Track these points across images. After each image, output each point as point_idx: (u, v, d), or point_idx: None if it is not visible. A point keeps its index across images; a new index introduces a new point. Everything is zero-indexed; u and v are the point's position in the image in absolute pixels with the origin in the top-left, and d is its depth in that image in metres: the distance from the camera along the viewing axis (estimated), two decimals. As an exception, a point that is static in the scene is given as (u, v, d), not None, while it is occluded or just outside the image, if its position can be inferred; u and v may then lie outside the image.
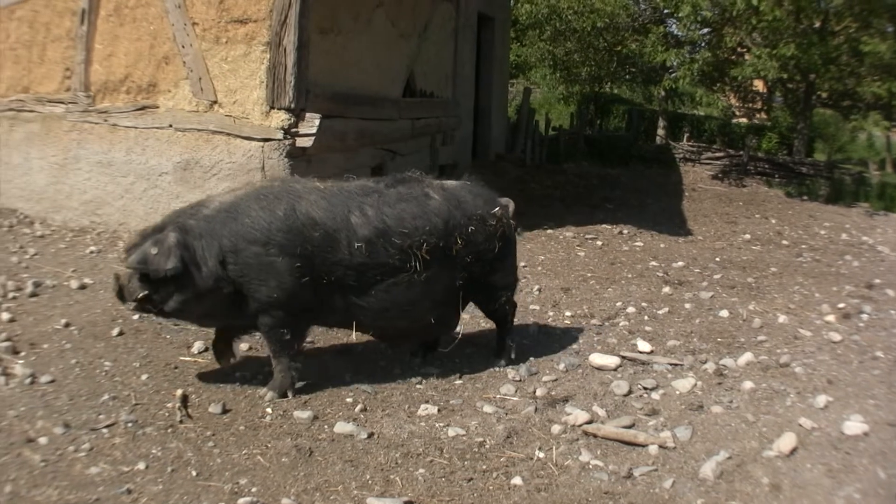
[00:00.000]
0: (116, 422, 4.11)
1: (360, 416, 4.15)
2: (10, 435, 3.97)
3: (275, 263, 4.13)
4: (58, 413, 4.24)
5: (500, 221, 4.63)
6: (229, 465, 3.66)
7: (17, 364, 4.93)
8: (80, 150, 8.25)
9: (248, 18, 7.38)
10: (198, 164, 7.55)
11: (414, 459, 3.68)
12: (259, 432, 3.99)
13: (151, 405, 4.33)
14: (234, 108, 7.46)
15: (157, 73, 7.83)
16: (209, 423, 4.11)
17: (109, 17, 8.12)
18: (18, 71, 8.96)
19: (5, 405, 4.34)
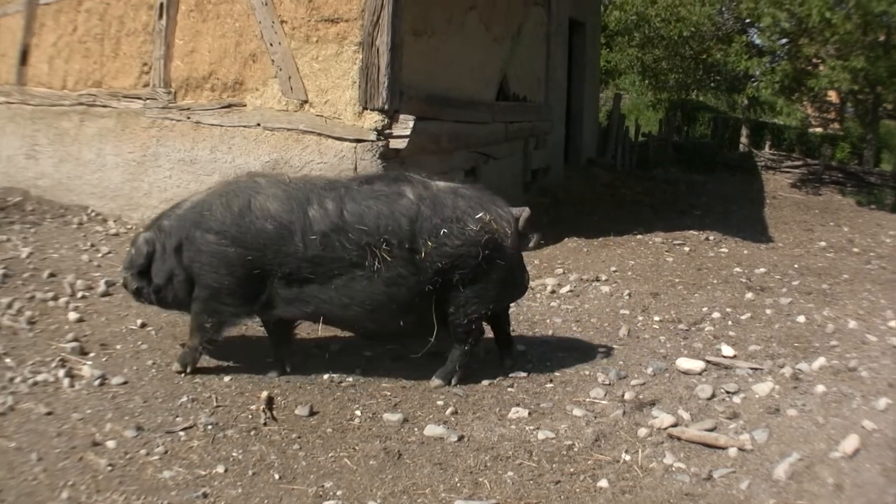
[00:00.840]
0: (195, 424, 4.24)
1: (450, 419, 4.31)
2: (71, 439, 4.08)
3: (227, 254, 4.60)
4: (130, 415, 4.37)
5: (487, 228, 4.57)
6: (314, 468, 3.78)
7: (85, 365, 5.07)
8: (159, 148, 8.49)
9: (339, 18, 7.60)
10: (287, 164, 7.73)
11: (503, 462, 3.82)
12: (347, 435, 4.13)
13: (234, 407, 4.47)
14: (326, 107, 7.65)
15: (243, 70, 8.05)
16: (295, 425, 4.26)
17: (190, 12, 8.38)
18: (89, 64, 9.25)
19: (69, 408, 4.46)
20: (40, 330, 5.70)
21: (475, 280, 4.64)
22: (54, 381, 4.83)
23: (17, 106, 10.27)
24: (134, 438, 4.09)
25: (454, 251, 4.52)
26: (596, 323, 6.11)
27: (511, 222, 4.69)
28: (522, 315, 6.21)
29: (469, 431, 4.14)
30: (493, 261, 4.60)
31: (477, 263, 4.56)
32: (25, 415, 4.37)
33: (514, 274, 4.83)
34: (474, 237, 4.53)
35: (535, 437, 4.08)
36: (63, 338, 5.45)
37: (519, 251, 4.80)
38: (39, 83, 9.99)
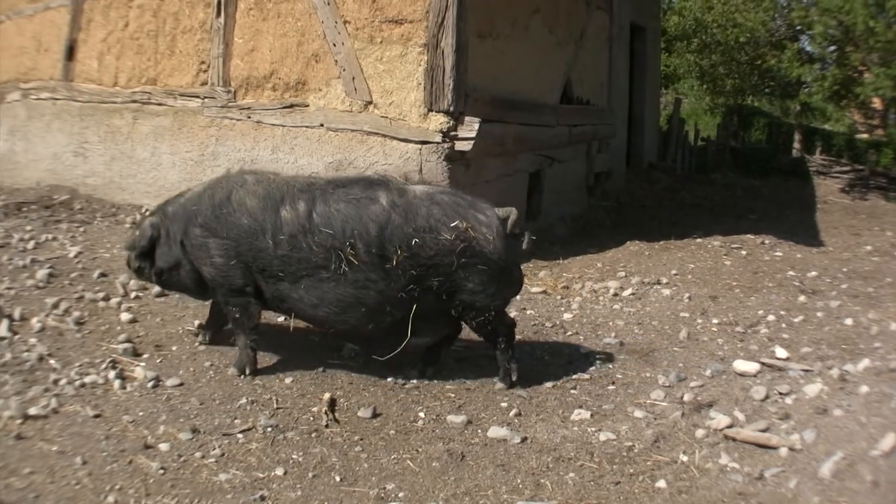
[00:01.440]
0: (254, 426, 4.39)
1: (514, 421, 4.53)
2: (121, 442, 4.21)
3: (209, 244, 4.99)
4: (185, 417, 4.51)
5: (462, 236, 4.70)
6: (376, 470, 3.95)
7: (138, 367, 5.22)
8: (218, 147, 8.79)
9: (404, 19, 7.86)
10: (351, 165, 8.00)
11: (565, 463, 4.02)
12: (410, 437, 4.33)
13: (295, 409, 4.64)
14: (391, 109, 7.91)
15: (306, 70, 8.32)
16: (357, 427, 4.44)
17: (250, 10, 8.67)
18: (142, 61, 9.56)
19: (119, 410, 4.61)
20: (89, 331, 5.87)
21: (460, 287, 4.80)
22: (104, 383, 4.98)
23: (64, 102, 10.58)
24: (189, 441, 4.23)
25: (427, 261, 4.68)
26: (657, 326, 6.35)
27: (494, 227, 4.79)
28: (586, 318, 6.49)
29: (532, 433, 4.36)
30: (474, 267, 4.74)
31: (453, 271, 4.71)
32: (71, 417, 4.51)
33: (509, 273, 4.97)
34: (448, 246, 4.67)
35: (596, 439, 4.29)
36: (114, 339, 5.63)
37: (510, 253, 4.88)
38: (88, 79, 10.29)
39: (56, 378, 5.00)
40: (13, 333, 5.71)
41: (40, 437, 4.28)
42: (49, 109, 10.82)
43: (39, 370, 5.18)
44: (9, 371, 5.16)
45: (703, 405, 4.72)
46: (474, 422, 4.50)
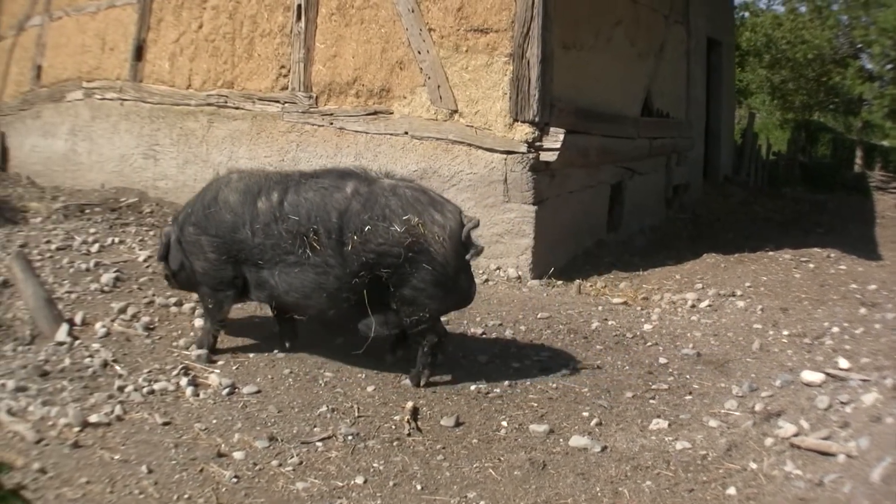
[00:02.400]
0: (334, 435, 4.71)
1: (594, 430, 4.94)
2: (191, 450, 4.49)
3: (201, 241, 5.72)
4: (261, 425, 4.83)
5: (412, 231, 5.17)
6: (458, 479, 4.30)
7: (213, 373, 5.56)
8: (299, 153, 9.41)
9: (489, 28, 8.41)
10: (436, 174, 8.58)
11: (642, 472, 4.41)
12: (492, 445, 4.70)
13: (376, 418, 5.00)
14: (476, 118, 8.47)
15: (390, 77, 8.92)
16: (440, 436, 4.80)
17: (332, 15, 9.29)
18: (218, 64, 10.24)
19: (191, 417, 4.92)
20: (159, 337, 6.26)
21: (404, 281, 5.28)
22: (175, 390, 5.31)
23: (133, 103, 11.29)
24: (265, 449, 4.53)
25: (377, 248, 5.20)
26: (732, 337, 6.83)
27: (447, 228, 5.24)
28: (665, 329, 7.00)
29: (612, 442, 4.76)
30: (419, 264, 5.21)
31: (400, 263, 5.20)
32: (137, 425, 4.81)
33: (453, 280, 5.39)
34: (397, 238, 5.17)
35: (673, 448, 4.71)
36: (187, 345, 6.06)
37: (458, 258, 5.29)
38: (159, 81, 10.98)
39: (121, 385, 5.34)
40: (73, 338, 6.07)
41: (101, 446, 4.55)
42: (116, 110, 11.52)
43: (103, 376, 5.51)
44: (67, 377, 5.47)
45: (772, 414, 5.12)
46: (556, 431, 4.90)
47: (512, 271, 8.34)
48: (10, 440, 4.63)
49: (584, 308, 7.48)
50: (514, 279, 8.29)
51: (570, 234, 9.33)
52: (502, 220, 8.35)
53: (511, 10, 8.22)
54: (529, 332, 6.67)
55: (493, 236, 8.34)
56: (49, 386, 5.32)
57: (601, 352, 6.28)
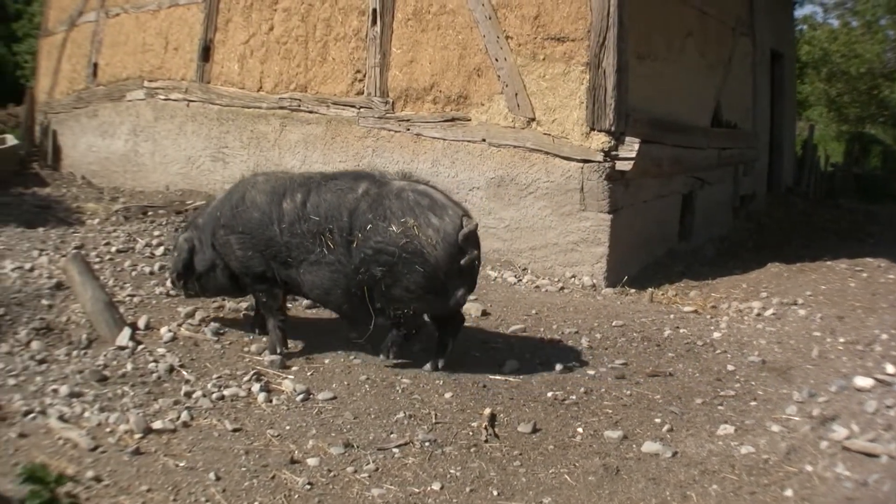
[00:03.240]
0: (411, 441, 5.00)
1: (666, 436, 5.33)
2: (263, 456, 4.75)
3: (230, 240, 6.39)
4: (337, 432, 5.11)
5: (407, 232, 5.79)
6: (534, 485, 4.61)
7: (286, 379, 5.83)
8: (375, 158, 10.08)
9: (566, 37, 9.01)
10: (513, 182, 9.24)
11: (709, 476, 4.78)
12: (568, 451, 5.05)
13: (454, 424, 5.31)
14: (553, 126, 9.09)
15: (467, 84, 9.56)
16: (517, 442, 5.14)
17: (408, 20, 9.96)
18: (290, 67, 10.94)
19: (263, 424, 5.19)
20: (229, 342, 6.64)
21: (396, 280, 5.86)
22: (246, 396, 5.60)
23: (200, 105, 12.01)
24: (340, 455, 4.79)
25: (375, 246, 5.83)
26: (794, 344, 7.27)
27: (442, 232, 5.80)
28: (733, 336, 7.48)
29: (682, 447, 5.14)
30: (412, 264, 5.80)
31: (394, 262, 5.81)
32: (205, 431, 5.07)
33: (443, 284, 5.92)
34: (393, 238, 5.80)
35: (738, 452, 5.08)
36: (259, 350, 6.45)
37: (451, 262, 5.83)
38: (228, 82, 11.70)
39: (189, 390, 5.62)
40: (136, 343, 6.39)
41: (164, 452, 4.76)
42: (181, 111, 12.24)
43: (168, 382, 5.79)
44: (129, 382, 5.73)
45: (827, 419, 5.51)
46: (629, 437, 5.28)
47: (587, 279, 8.91)
48: (61, 447, 4.80)
49: (656, 316, 7.97)
50: (588, 287, 8.83)
51: (643, 242, 9.91)
52: (578, 228, 8.92)
53: (587, 20, 8.79)
54: (604, 340, 7.11)
55: (568, 244, 8.97)
56: (108, 391, 5.59)
57: (673, 359, 6.77)
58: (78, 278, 6.86)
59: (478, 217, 8.76)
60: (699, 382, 6.30)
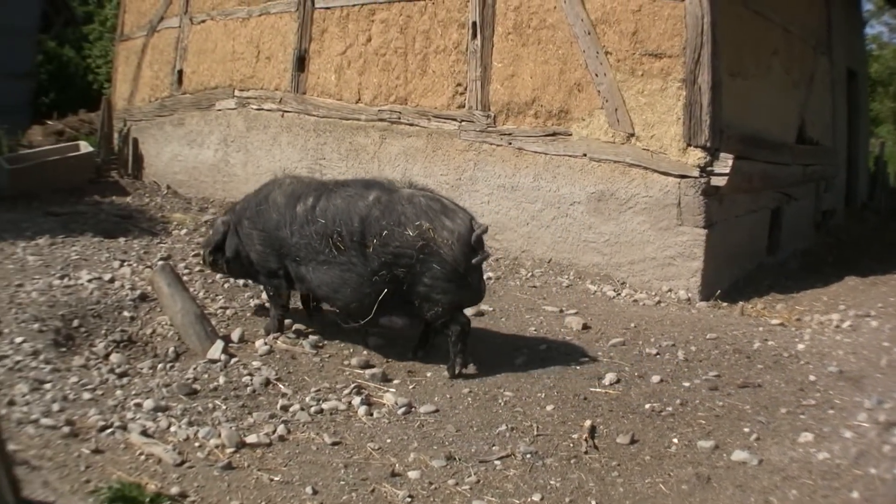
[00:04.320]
0: (512, 453, 5.26)
1: (753, 445, 5.64)
2: (363, 470, 4.96)
3: (253, 234, 7.22)
4: (438, 445, 5.33)
5: (423, 235, 6.40)
6: (630, 494, 4.90)
7: (387, 392, 6.11)
8: (476, 172, 10.68)
9: (663, 53, 9.50)
10: (612, 196, 9.78)
11: (790, 482, 5.07)
12: (663, 462, 5.36)
13: (555, 436, 5.58)
14: (652, 142, 9.59)
15: (568, 99, 10.10)
16: (615, 453, 5.43)
17: (508, 34, 10.51)
18: (390, 79, 11.53)
19: (363, 437, 5.41)
20: (329, 355, 6.97)
21: (418, 280, 6.49)
22: (346, 409, 5.84)
23: (295, 115, 12.60)
24: (442, 468, 5.03)
25: (394, 250, 6.47)
26: (867, 354, 7.63)
27: (456, 234, 6.42)
28: (815, 348, 7.85)
29: (767, 455, 5.44)
30: (430, 264, 6.43)
31: (413, 264, 6.45)
32: (302, 445, 5.29)
33: (463, 278, 6.53)
34: (410, 241, 6.42)
35: (815, 458, 5.39)
36: (360, 363, 6.76)
37: (466, 260, 6.44)
38: (325, 93, 12.29)
39: (286, 404, 5.85)
40: (229, 356, 6.66)
41: (258, 467, 4.96)
42: (275, 121, 12.84)
43: (263, 395, 6.03)
44: (221, 396, 5.95)
45: (892, 424, 5.87)
46: (721, 446, 5.59)
47: (682, 293, 9.41)
48: (142, 463, 4.96)
49: (746, 329, 8.33)
50: (684, 301, 9.29)
51: (735, 257, 10.42)
52: (675, 242, 9.43)
53: (682, 37, 9.23)
54: (699, 353, 7.48)
55: (665, 259, 9.49)
56: (198, 405, 5.77)
57: (761, 370, 7.12)
58: (166, 290, 7.17)
59: (577, 231, 9.62)
60: (784, 392, 6.66)
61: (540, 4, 10.31)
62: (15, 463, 4.32)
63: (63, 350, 6.82)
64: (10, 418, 5.39)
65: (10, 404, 5.62)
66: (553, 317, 8.47)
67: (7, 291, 7.90)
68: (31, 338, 6.80)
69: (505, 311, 8.49)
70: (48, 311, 7.38)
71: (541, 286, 9.70)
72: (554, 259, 10.34)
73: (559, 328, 8.10)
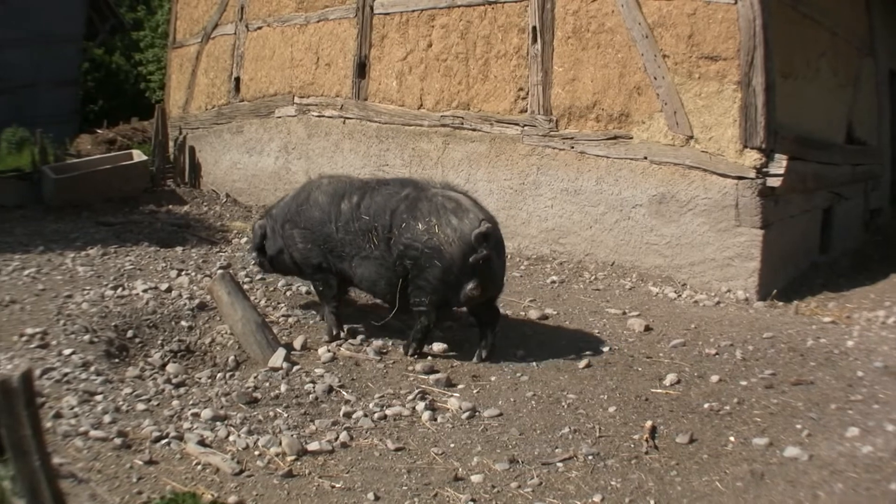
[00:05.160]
0: (575, 455, 5.41)
1: (805, 441, 5.80)
2: (426, 475, 5.08)
3: (294, 233, 7.73)
4: (502, 448, 5.48)
5: (430, 230, 7.01)
6: (688, 493, 5.06)
7: (452, 397, 6.25)
8: (540, 176, 11.00)
9: (718, 56, 9.75)
10: (673, 199, 10.07)
11: (836, 475, 5.26)
12: (720, 460, 5.52)
13: (616, 437, 5.76)
14: (710, 144, 9.86)
15: (628, 102, 10.39)
16: (674, 452, 5.58)
17: (568, 38, 10.81)
18: (451, 85, 11.86)
19: (427, 442, 5.54)
20: (393, 361, 7.12)
21: (420, 272, 7.06)
22: (410, 415, 5.98)
23: (357, 122, 12.95)
24: (505, 471, 5.18)
25: (406, 241, 7.10)
26: None
27: (459, 232, 6.97)
28: (863, 344, 8.04)
29: (817, 451, 5.63)
30: (432, 258, 7.00)
31: (418, 255, 7.04)
32: (365, 452, 5.42)
33: (457, 278, 7.03)
34: (418, 235, 7.05)
35: (860, 452, 5.57)
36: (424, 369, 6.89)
37: (464, 259, 6.92)
38: (386, 99, 12.62)
39: (349, 410, 5.99)
40: (291, 364, 6.81)
41: (319, 474, 5.08)
42: (337, 128, 13.19)
43: (326, 403, 6.17)
44: (282, 404, 6.08)
45: None
46: (774, 443, 5.76)
47: (741, 293, 9.63)
48: (199, 473, 5.08)
49: (800, 327, 8.52)
50: (742, 301, 9.47)
51: (790, 256, 10.70)
52: (733, 243, 9.68)
53: (736, 39, 9.44)
54: (756, 352, 7.65)
55: (724, 259, 9.75)
56: (258, 413, 5.90)
57: (814, 368, 7.30)
58: (226, 298, 7.25)
59: (639, 234, 9.92)
60: (834, 389, 6.85)
61: (598, 8, 10.58)
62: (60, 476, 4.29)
63: (116, 361, 7.00)
64: (55, 431, 5.46)
65: (57, 417, 5.71)
66: (616, 319, 8.67)
67: (55, 303, 8.06)
68: (81, 349, 6.93)
69: (569, 315, 8.71)
70: (100, 322, 7.55)
71: (604, 289, 9.92)
72: (617, 262, 10.62)
73: (622, 330, 8.29)
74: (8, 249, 10.49)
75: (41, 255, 10.33)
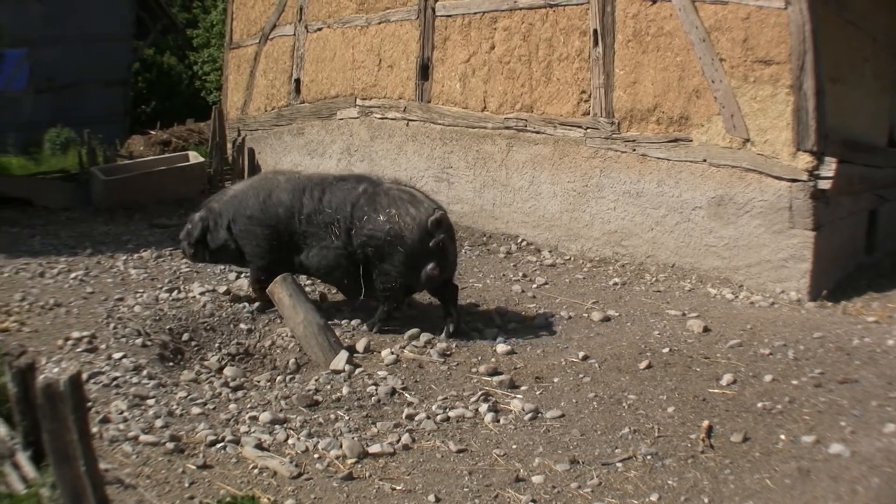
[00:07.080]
0: (634, 455, 5.55)
1: (849, 437, 5.93)
2: (487, 476, 5.21)
3: (256, 230, 8.38)
4: (563, 449, 5.62)
5: (391, 221, 7.77)
6: (740, 490, 5.21)
7: (515, 399, 6.35)
8: (602, 178, 11.41)
9: (772, 60, 9.85)
10: (731, 201, 10.43)
11: (874, 470, 5.39)
12: (771, 458, 5.66)
13: (675, 437, 5.90)
14: (765, 147, 10.20)
15: (688, 105, 10.74)
16: (729, 451, 5.74)
17: (628, 42, 11.17)
18: (515, 87, 12.26)
19: (489, 444, 5.68)
20: (457, 363, 7.23)
21: (384, 258, 7.88)
22: (472, 417, 6.12)
23: (420, 124, 13.37)
24: (565, 472, 5.32)
25: (368, 233, 7.89)
26: None
27: (418, 221, 7.79)
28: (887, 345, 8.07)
29: (858, 447, 5.75)
30: (395, 246, 7.80)
31: (381, 244, 7.83)
32: (427, 454, 5.54)
33: (418, 262, 7.86)
34: (380, 225, 7.85)
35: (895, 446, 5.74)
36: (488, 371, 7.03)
37: (423, 244, 7.78)
38: (449, 102, 13.05)
39: (411, 413, 6.13)
40: (353, 367, 6.94)
41: (380, 477, 5.20)
42: (400, 130, 13.62)
43: (388, 405, 6.31)
44: (343, 407, 6.23)
45: None
46: (821, 441, 5.91)
47: (793, 294, 9.86)
48: (255, 477, 5.19)
49: (847, 327, 8.64)
50: (794, 302, 9.69)
51: (838, 258, 11.01)
52: (787, 245, 9.93)
53: (788, 44, 9.65)
54: (807, 352, 7.78)
55: (779, 261, 10.07)
56: (318, 416, 6.03)
57: (859, 366, 7.41)
58: (287, 301, 7.40)
59: (699, 236, 10.36)
60: (876, 386, 6.98)
61: (657, 12, 10.88)
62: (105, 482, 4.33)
63: (170, 365, 7.16)
64: (102, 436, 5.58)
65: (104, 422, 5.86)
66: (676, 320, 8.88)
67: (105, 306, 8.35)
68: (133, 353, 7.13)
69: (630, 316, 8.96)
70: (154, 326, 7.80)
71: (664, 290, 10.20)
72: (677, 264, 10.92)
73: (681, 331, 8.49)
74: (53, 252, 10.79)
75: (89, 257, 10.65)
